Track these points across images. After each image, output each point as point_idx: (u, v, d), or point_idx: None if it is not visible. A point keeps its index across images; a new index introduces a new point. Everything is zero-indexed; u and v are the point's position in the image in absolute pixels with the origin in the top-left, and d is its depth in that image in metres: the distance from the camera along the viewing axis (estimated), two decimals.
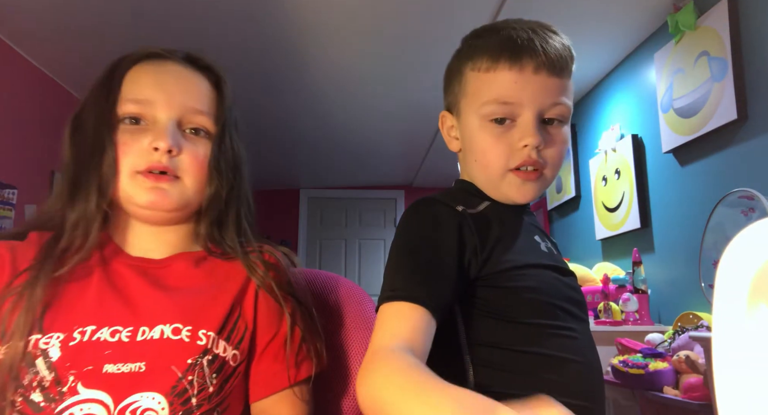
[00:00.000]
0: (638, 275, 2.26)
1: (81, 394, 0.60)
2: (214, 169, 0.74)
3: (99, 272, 0.70)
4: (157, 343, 0.64)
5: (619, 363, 1.78)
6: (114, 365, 0.62)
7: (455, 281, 0.66)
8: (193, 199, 0.74)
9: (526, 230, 0.77)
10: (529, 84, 0.71)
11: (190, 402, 0.63)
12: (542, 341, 0.68)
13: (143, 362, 0.63)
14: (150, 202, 0.70)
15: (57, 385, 0.60)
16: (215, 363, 0.66)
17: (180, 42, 2.84)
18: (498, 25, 0.76)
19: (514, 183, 0.74)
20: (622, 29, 2.43)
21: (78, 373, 0.61)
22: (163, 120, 0.71)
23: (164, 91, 0.72)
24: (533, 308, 0.69)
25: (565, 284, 0.75)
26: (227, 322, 0.70)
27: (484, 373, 0.67)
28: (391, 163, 4.67)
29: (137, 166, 0.69)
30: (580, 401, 0.68)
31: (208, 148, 0.74)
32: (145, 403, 0.61)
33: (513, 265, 0.69)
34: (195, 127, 0.74)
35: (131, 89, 0.72)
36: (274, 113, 3.49)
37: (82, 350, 0.62)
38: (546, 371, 0.67)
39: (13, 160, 2.62)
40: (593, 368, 0.72)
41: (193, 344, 0.65)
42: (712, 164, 2.02)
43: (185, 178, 0.72)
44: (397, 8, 2.29)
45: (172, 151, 0.70)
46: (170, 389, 0.62)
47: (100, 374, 0.61)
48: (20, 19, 2.35)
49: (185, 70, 0.77)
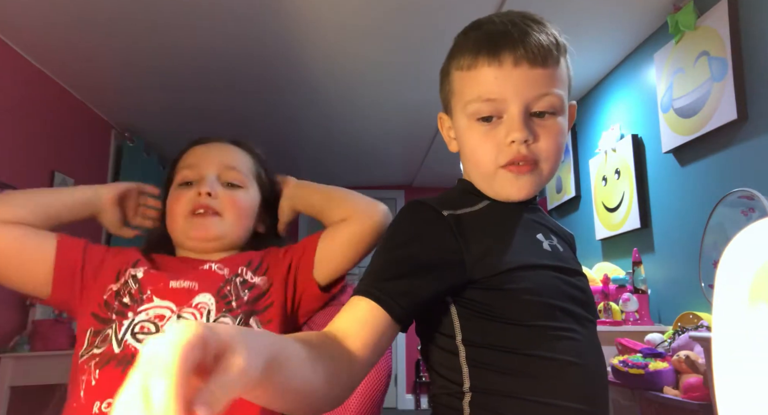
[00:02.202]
0: (638, 275, 2.26)
1: (154, 302, 0.85)
2: (250, 210, 1.00)
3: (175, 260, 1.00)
4: (206, 271, 0.91)
5: (619, 363, 1.78)
6: (176, 281, 0.87)
7: (425, 280, 0.66)
8: (231, 232, 0.97)
9: (528, 229, 0.75)
10: (510, 78, 0.69)
11: (231, 304, 0.87)
12: (540, 344, 0.67)
13: (197, 282, 0.88)
14: (199, 235, 0.94)
15: (140, 293, 0.86)
16: (246, 284, 0.91)
17: (181, 42, 2.84)
18: (481, 21, 0.75)
19: (507, 179, 0.72)
20: (622, 29, 2.43)
21: (154, 288, 0.87)
22: (205, 175, 0.97)
23: (207, 157, 1.00)
24: (530, 310, 0.68)
25: (569, 283, 0.72)
26: (252, 260, 0.95)
27: (480, 375, 0.67)
28: (391, 163, 4.67)
29: (187, 210, 0.95)
30: (579, 404, 0.66)
31: (243, 194, 0.99)
32: (199, 299, 0.86)
33: (509, 267, 0.68)
34: (230, 181, 0.98)
35: (186, 160, 1.00)
36: (275, 114, 3.50)
37: (156, 274, 0.90)
38: (543, 373, 0.66)
39: (13, 160, 2.62)
40: (594, 370, 0.70)
41: (230, 272, 0.92)
42: (712, 164, 2.02)
43: (225, 214, 0.95)
44: (398, 8, 2.29)
45: (211, 194, 0.94)
46: (216, 291, 0.87)
47: (168, 289, 0.86)
48: (20, 18, 2.35)
49: (226, 145, 1.04)
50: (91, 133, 3.35)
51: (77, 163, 3.16)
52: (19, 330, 2.67)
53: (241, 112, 3.46)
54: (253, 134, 3.81)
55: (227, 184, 0.98)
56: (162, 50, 2.65)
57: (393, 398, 5.01)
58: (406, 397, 5.04)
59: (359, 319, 0.62)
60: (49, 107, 2.90)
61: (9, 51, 2.58)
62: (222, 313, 0.84)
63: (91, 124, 3.36)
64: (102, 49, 2.62)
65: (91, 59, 2.73)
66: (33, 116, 2.78)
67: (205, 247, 0.96)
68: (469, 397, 0.67)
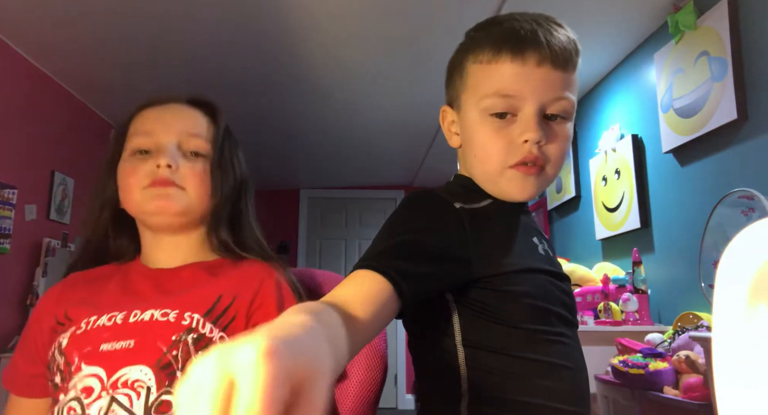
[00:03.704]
0: (638, 275, 2.26)
1: (83, 370, 0.71)
2: (212, 182, 0.84)
3: (117, 280, 0.83)
4: (146, 323, 0.73)
5: (619, 363, 1.78)
6: (108, 343, 0.72)
7: (433, 269, 0.63)
8: (197, 207, 0.83)
9: (526, 232, 0.75)
10: (532, 77, 0.69)
11: (176, 375, 0.70)
12: (537, 347, 0.67)
13: (133, 339, 0.72)
14: (158, 207, 0.80)
15: (67, 365, 0.72)
16: (201, 342, 0.73)
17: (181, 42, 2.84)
18: (501, 18, 0.74)
19: (514, 179, 0.71)
20: (622, 29, 2.43)
21: (80, 354, 0.72)
22: (164, 144, 0.82)
23: (164, 122, 0.84)
24: (529, 314, 0.68)
25: (560, 288, 0.73)
26: (216, 307, 0.76)
27: (478, 378, 0.66)
28: (391, 163, 4.67)
29: (144, 182, 0.80)
30: (573, 407, 0.67)
31: (206, 165, 0.84)
32: (133, 374, 0.69)
33: (512, 269, 0.68)
34: (193, 150, 0.84)
35: (139, 125, 0.85)
36: (275, 113, 3.50)
37: (84, 335, 0.74)
38: (540, 376, 0.66)
39: (13, 160, 2.62)
40: (583, 374, 0.71)
41: (178, 324, 0.73)
42: (712, 164, 2.02)
43: (187, 187, 0.82)
44: (398, 8, 2.29)
45: (171, 166, 0.80)
46: (156, 362, 0.70)
47: (97, 353, 0.71)
48: (20, 18, 2.35)
49: (183, 107, 0.88)
50: (91, 133, 3.35)
51: (77, 163, 3.16)
52: (19, 330, 2.67)
53: (241, 112, 3.46)
54: (253, 134, 3.81)
55: (189, 154, 0.84)
56: (162, 51, 2.65)
57: (393, 398, 5.01)
58: (406, 397, 5.04)
59: (363, 293, 0.56)
60: (49, 107, 2.90)
61: (9, 51, 2.58)
62: (165, 388, 0.69)
63: (91, 124, 3.36)
64: (102, 49, 2.62)
65: (91, 59, 2.73)
66: (33, 116, 2.78)
67: (167, 222, 0.82)
68: (467, 399, 0.66)
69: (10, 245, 2.57)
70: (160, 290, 0.79)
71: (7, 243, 2.55)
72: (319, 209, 5.42)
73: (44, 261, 2.79)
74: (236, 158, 0.89)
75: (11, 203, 2.56)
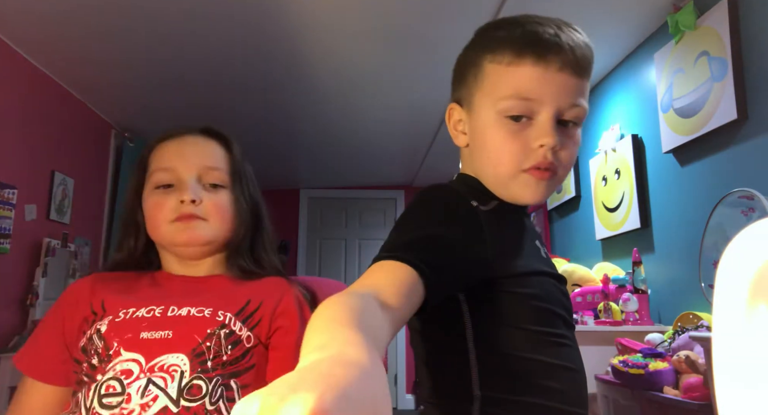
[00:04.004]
0: (638, 275, 2.26)
1: (123, 355, 0.76)
2: (233, 212, 0.91)
3: (147, 281, 0.90)
4: (183, 317, 0.80)
5: (619, 363, 1.78)
6: (148, 332, 0.78)
7: (456, 264, 0.62)
8: (219, 236, 0.90)
9: (530, 235, 0.76)
10: (553, 82, 0.68)
11: (207, 364, 0.77)
12: (543, 349, 0.67)
13: (171, 330, 0.78)
14: (186, 239, 0.87)
15: (106, 349, 0.78)
16: (231, 337, 0.80)
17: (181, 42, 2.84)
18: (520, 19, 0.72)
19: (527, 183, 0.71)
20: (622, 29, 2.43)
21: (121, 339, 0.78)
22: (186, 179, 0.88)
23: (183, 157, 0.90)
24: (537, 316, 0.68)
25: (561, 291, 0.74)
26: (246, 308, 0.84)
27: (490, 380, 0.66)
28: (391, 163, 4.67)
29: (170, 217, 0.87)
30: (577, 409, 0.68)
31: (225, 196, 0.91)
32: (170, 360, 0.76)
33: (522, 271, 0.68)
34: (213, 182, 0.90)
35: (160, 161, 0.91)
36: (275, 113, 3.49)
37: (124, 323, 0.80)
38: (547, 378, 0.67)
39: (13, 160, 2.62)
40: (583, 375, 0.72)
41: (213, 319, 0.81)
42: (712, 164, 2.02)
43: (211, 219, 0.89)
44: (398, 8, 2.29)
45: (195, 201, 0.87)
46: (191, 351, 0.77)
47: (138, 340, 0.77)
48: (20, 18, 2.35)
49: (199, 139, 0.94)
50: (91, 133, 3.35)
51: (77, 163, 3.17)
52: (19, 330, 2.67)
53: (241, 112, 3.46)
54: (253, 134, 3.81)
55: (209, 186, 0.90)
56: (162, 50, 2.65)
57: (393, 398, 5.00)
58: (406, 397, 5.04)
59: (395, 282, 0.54)
60: (49, 107, 2.90)
61: (9, 51, 2.58)
62: (196, 373, 0.75)
63: (91, 124, 3.36)
64: (102, 49, 2.62)
65: (91, 59, 2.73)
66: (33, 116, 2.78)
67: (194, 252, 0.89)
68: (479, 402, 0.65)
69: (10, 245, 2.57)
70: (192, 292, 0.86)
71: (7, 243, 2.55)
72: (319, 209, 5.42)
73: (44, 261, 2.79)
74: (251, 184, 0.96)
75: (11, 203, 2.56)
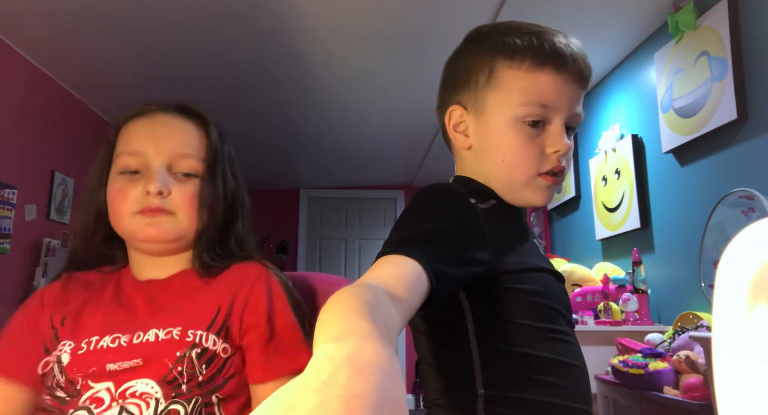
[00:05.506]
0: (638, 275, 2.26)
1: (94, 387, 0.71)
2: (205, 205, 0.81)
3: (111, 293, 0.82)
4: (151, 344, 0.73)
5: (619, 363, 1.78)
6: (114, 363, 0.72)
7: (459, 261, 0.62)
8: (188, 231, 0.81)
9: (528, 233, 0.78)
10: (569, 91, 0.73)
11: (181, 388, 0.71)
12: (545, 345, 0.68)
13: (139, 358, 0.72)
14: (149, 235, 0.79)
15: (71, 384, 0.72)
16: (204, 355, 0.73)
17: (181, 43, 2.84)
18: (533, 29, 0.74)
19: (542, 187, 0.74)
20: (622, 29, 2.43)
21: (86, 374, 0.72)
22: (154, 166, 0.79)
23: (153, 141, 0.80)
24: (537, 312, 0.69)
25: (560, 288, 0.75)
26: (217, 319, 0.77)
27: (494, 376, 0.66)
28: (391, 163, 4.67)
29: (133, 210, 0.78)
30: (582, 405, 0.68)
31: (198, 187, 0.81)
32: (140, 387, 0.70)
33: (522, 267, 0.69)
34: (184, 172, 0.81)
35: (127, 143, 0.82)
36: (275, 113, 3.50)
37: (88, 356, 0.73)
38: (550, 374, 0.67)
39: (13, 160, 2.62)
40: (586, 372, 0.73)
41: (182, 340, 0.73)
42: (712, 164, 2.02)
43: (178, 213, 0.80)
44: (397, 8, 2.29)
45: (162, 192, 0.78)
46: (161, 378, 0.71)
47: (104, 372, 0.71)
48: (21, 18, 2.35)
49: (173, 119, 0.84)
50: (91, 133, 3.35)
51: (77, 163, 3.16)
52: None
53: (241, 112, 3.46)
54: (253, 134, 3.82)
55: (181, 175, 0.81)
56: (162, 50, 2.65)
57: None
58: (406, 397, 5.04)
59: (401, 276, 0.53)
60: (49, 107, 2.90)
61: (9, 51, 2.58)
62: (171, 399, 0.70)
63: (91, 124, 3.36)
64: (102, 48, 2.62)
65: (91, 59, 2.73)
66: (33, 116, 2.78)
67: (158, 249, 0.81)
68: (483, 400, 0.66)
69: (10, 245, 2.57)
70: (158, 307, 0.79)
71: (7, 243, 2.55)
72: (319, 209, 5.42)
73: (44, 261, 2.79)
74: (229, 173, 0.86)
75: (11, 203, 2.56)
